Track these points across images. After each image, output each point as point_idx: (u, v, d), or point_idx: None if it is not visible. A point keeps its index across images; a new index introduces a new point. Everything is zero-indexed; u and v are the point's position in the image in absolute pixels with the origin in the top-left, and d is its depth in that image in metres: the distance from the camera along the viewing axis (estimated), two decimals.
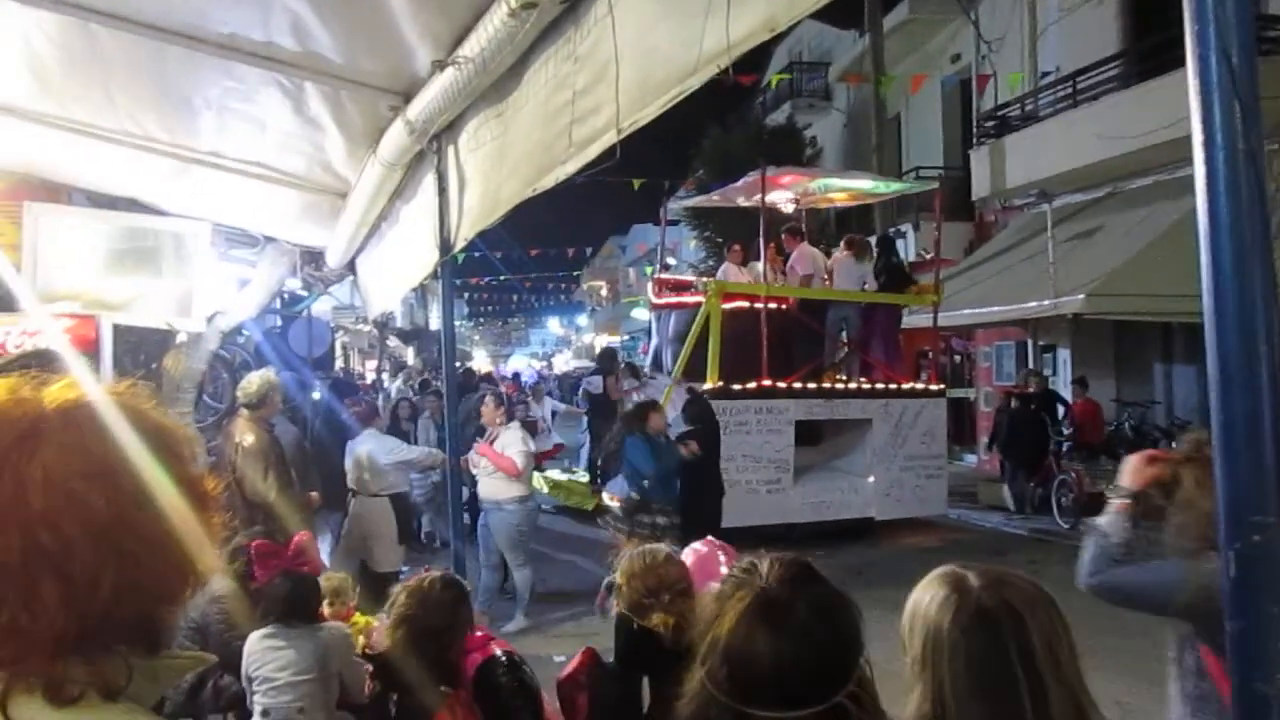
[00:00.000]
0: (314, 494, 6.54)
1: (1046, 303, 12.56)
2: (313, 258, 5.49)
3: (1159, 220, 12.06)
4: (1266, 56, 11.38)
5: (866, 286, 11.87)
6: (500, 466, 7.30)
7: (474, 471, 7.50)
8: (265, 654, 3.39)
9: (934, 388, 12.15)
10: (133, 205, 5.11)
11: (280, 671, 3.36)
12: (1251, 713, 0.97)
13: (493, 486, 7.40)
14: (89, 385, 0.99)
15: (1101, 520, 2.58)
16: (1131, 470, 2.55)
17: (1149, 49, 12.84)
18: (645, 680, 2.64)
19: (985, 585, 1.44)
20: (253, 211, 4.91)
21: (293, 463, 6.25)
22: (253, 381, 6.12)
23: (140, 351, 5.34)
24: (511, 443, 7.40)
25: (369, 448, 7.18)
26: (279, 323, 12.15)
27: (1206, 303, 1.03)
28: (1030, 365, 15.36)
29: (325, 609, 3.79)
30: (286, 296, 9.68)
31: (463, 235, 3.49)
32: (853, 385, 11.42)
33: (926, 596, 1.48)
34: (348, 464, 7.22)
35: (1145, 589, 2.49)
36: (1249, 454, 1.00)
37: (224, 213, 5.05)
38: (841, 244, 12.35)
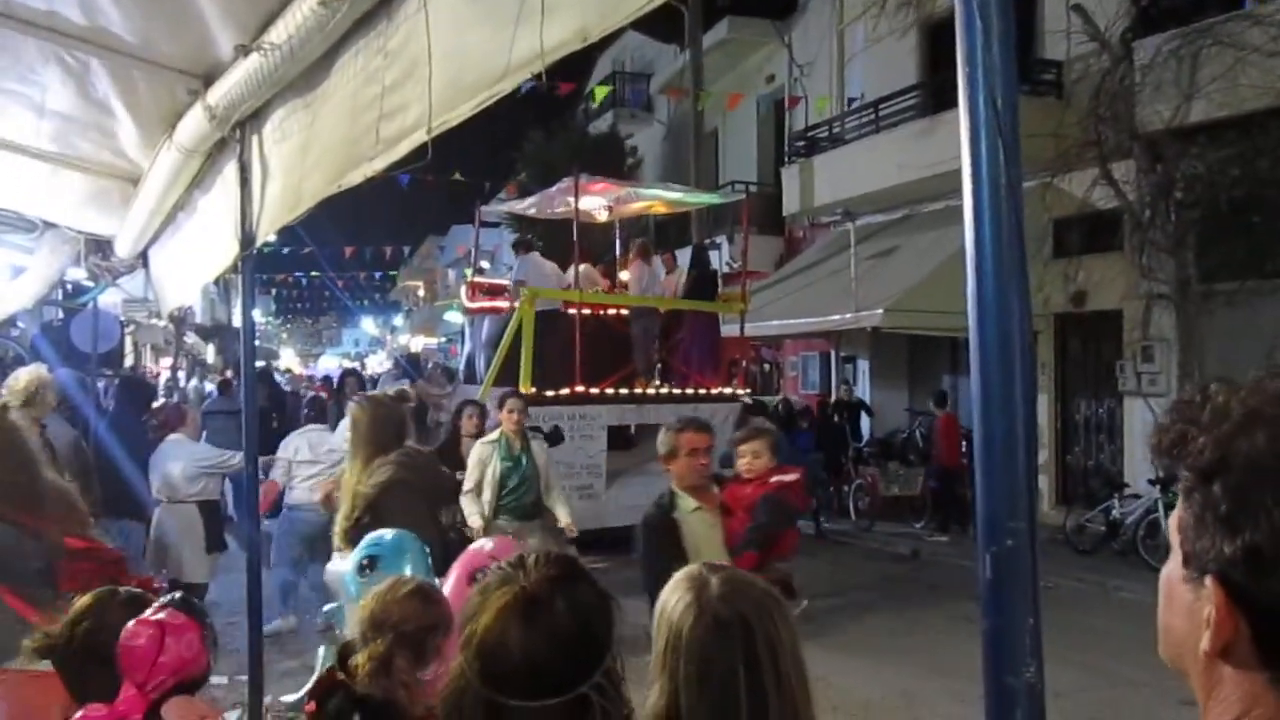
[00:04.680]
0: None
1: (849, 316, 13.26)
2: (99, 247, 5.08)
3: (949, 243, 12.97)
4: (1041, 97, 12.49)
5: (661, 290, 11.98)
6: None
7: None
8: None
9: (739, 393, 12.44)
10: None
11: None
12: (1001, 703, 1.06)
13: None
14: None
15: None
16: None
17: (942, 83, 13.81)
18: None
19: (723, 594, 1.56)
20: (31, 194, 4.47)
21: (68, 467, 5.76)
22: (19, 378, 5.57)
23: None
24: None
25: (175, 454, 6.77)
26: (60, 315, 11.23)
27: (972, 330, 1.13)
28: (834, 375, 16.19)
29: None
30: (69, 288, 8.96)
31: (264, 229, 3.32)
32: (663, 391, 11.61)
33: (673, 599, 1.59)
34: (151, 471, 6.78)
35: None
36: (1004, 466, 1.10)
37: None
38: (632, 252, 12.26)
